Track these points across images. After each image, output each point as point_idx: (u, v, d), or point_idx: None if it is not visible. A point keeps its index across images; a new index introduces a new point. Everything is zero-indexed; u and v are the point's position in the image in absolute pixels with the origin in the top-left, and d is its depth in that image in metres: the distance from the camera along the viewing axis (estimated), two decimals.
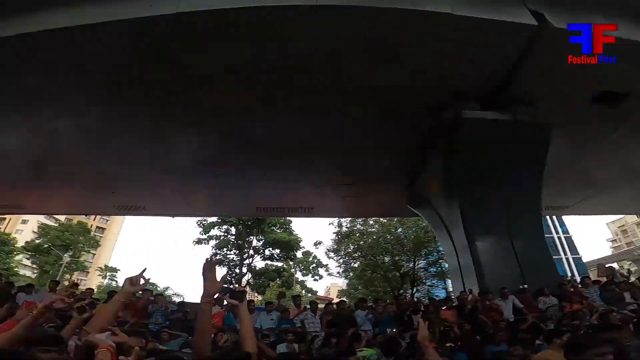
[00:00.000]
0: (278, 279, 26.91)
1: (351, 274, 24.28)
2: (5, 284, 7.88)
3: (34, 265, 31.13)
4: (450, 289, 14.57)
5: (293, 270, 29.44)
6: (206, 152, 9.80)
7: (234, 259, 25.52)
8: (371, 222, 22.13)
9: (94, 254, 38.99)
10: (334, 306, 7.42)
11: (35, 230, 31.97)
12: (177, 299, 33.64)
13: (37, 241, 29.48)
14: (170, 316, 6.85)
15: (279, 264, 26.93)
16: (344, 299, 21.93)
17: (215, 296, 2.01)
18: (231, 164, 10.30)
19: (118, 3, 5.75)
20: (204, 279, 2.00)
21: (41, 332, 2.02)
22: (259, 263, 26.44)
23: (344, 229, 22.24)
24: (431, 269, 22.17)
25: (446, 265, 19.00)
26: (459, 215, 7.76)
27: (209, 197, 12.80)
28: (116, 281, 40.54)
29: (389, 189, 11.18)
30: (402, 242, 21.19)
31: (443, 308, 6.78)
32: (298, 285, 35.40)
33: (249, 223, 24.03)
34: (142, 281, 2.05)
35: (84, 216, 33.68)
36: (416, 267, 21.86)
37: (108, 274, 39.82)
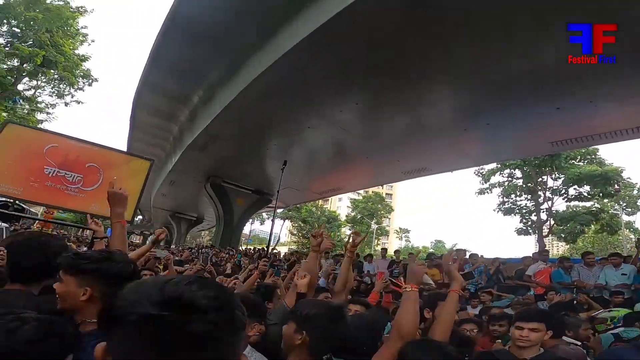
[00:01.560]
0: (594, 223, 21.58)
1: None
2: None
3: None
4: None
5: (616, 210, 22.72)
6: (472, 102, 9.34)
7: (527, 205, 22.74)
8: None
9: (389, 219, 46.41)
10: None
11: (349, 205, 42.17)
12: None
13: (352, 214, 38.80)
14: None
15: (588, 204, 21.52)
16: None
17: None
18: (502, 107, 9.25)
19: None
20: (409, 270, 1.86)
21: None
22: (560, 206, 22.26)
23: None
24: None
25: None
26: None
27: (486, 144, 11.99)
28: (409, 241, 46.66)
29: None
30: None
31: None
32: (626, 230, 27.00)
33: (536, 162, 20.57)
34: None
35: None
36: None
37: (402, 235, 46.47)
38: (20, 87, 19.34)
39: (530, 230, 22.35)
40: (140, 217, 45.67)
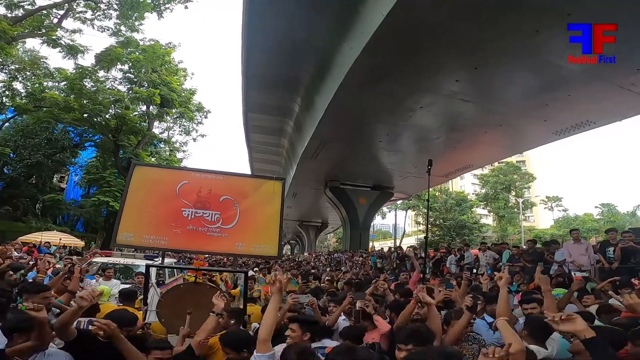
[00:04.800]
0: None
1: None
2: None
3: (488, 213, 36.14)
4: None
5: None
6: None
7: None
8: None
9: (529, 188, 39.41)
10: None
11: (474, 181, 37.48)
12: None
13: (482, 191, 34.21)
14: None
15: None
16: None
17: None
18: None
19: None
20: None
21: None
22: None
23: None
24: None
25: None
26: None
27: None
28: (566, 210, 38.41)
29: None
30: None
31: None
32: None
33: None
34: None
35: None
36: None
37: (553, 204, 38.63)
38: (155, 130, 22.94)
39: None
40: None
